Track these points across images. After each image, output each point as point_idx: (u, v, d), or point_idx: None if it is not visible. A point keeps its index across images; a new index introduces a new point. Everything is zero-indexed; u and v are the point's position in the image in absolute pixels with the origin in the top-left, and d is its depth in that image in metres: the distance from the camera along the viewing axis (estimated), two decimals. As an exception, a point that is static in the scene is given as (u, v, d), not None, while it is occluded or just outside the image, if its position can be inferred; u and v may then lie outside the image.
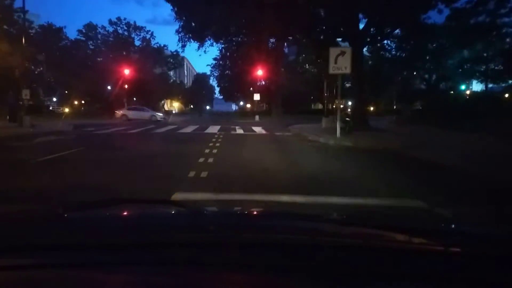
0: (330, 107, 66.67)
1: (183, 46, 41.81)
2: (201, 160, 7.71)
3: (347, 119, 13.71)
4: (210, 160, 7.75)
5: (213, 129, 19.00)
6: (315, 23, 17.54)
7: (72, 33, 52.00)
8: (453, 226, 1.40)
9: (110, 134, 15.81)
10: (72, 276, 0.86)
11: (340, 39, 18.22)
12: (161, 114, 33.02)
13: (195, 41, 26.74)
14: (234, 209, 1.72)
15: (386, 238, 1.03)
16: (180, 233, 1.04)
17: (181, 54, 62.81)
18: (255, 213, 1.52)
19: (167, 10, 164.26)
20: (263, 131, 18.06)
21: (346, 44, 18.16)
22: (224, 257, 0.92)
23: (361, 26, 17.58)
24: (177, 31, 40.51)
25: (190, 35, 39.31)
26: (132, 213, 1.34)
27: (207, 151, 9.34)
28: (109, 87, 47.81)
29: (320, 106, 64.46)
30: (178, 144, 11.38)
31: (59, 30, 48.54)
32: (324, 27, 17.46)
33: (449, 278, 0.85)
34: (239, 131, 18.18)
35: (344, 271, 0.88)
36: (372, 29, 17.74)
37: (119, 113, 33.90)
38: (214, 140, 12.54)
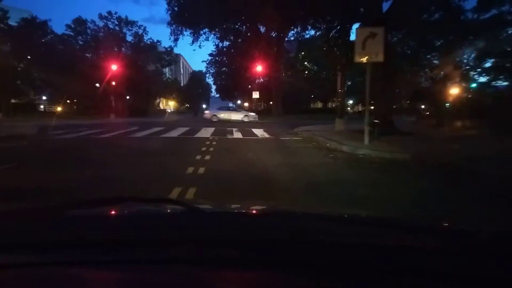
0: (332, 105, 63.81)
1: (176, 40, 38.96)
2: (175, 192, 4.64)
3: (376, 121, 10.63)
4: (190, 193, 4.67)
5: (206, 132, 15.89)
6: (328, 5, 14.47)
7: (62, 30, 48.89)
8: (452, 224, 1.33)
9: (74, 140, 12.62)
10: (73, 274, 0.85)
11: (357, 25, 15.12)
12: (253, 114, 30.44)
13: (188, 28, 23.50)
14: (235, 208, 1.61)
15: (387, 236, 1.02)
16: (182, 231, 1.02)
17: (175, 50, 60.01)
18: (256, 211, 1.48)
19: (164, 8, 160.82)
20: (266, 135, 14.98)
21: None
22: (225, 256, 0.92)
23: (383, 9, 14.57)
24: (169, 23, 37.51)
25: (181, 27, 36.32)
26: (133, 211, 1.28)
27: (189, 171, 6.26)
28: (97, 85, 44.50)
29: (319, 105, 61.53)
30: (151, 158, 8.08)
31: (43, 24, 45.12)
32: (339, 9, 14.35)
33: (448, 276, 0.84)
34: (237, 134, 15.08)
35: (344, 269, 0.87)
36: (396, 13, 14.65)
37: (210, 113, 30.90)
38: (203, 149, 9.45)
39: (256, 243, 0.96)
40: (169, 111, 77.71)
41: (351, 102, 64.30)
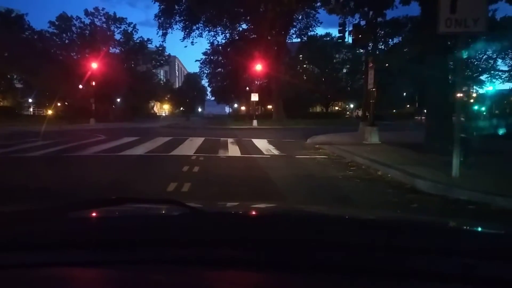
0: (334, 109, 59.33)
1: (164, 34, 34.72)
2: None
3: (463, 135, 6.47)
4: None
5: (190, 145, 11.61)
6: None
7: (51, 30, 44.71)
8: (455, 225, 1.32)
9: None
10: (73, 275, 0.85)
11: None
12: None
13: (181, 17, 19.42)
14: (235, 208, 1.61)
15: (387, 236, 0.99)
16: (182, 232, 1.00)
17: (171, 52, 56.08)
18: (256, 212, 1.47)
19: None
20: (274, 151, 10.65)
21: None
22: (225, 256, 0.91)
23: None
24: (156, 16, 33.29)
25: (169, 18, 32.07)
26: (134, 212, 1.26)
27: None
28: (81, 86, 40.11)
29: (318, 109, 57.53)
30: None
31: (19, 18, 40.75)
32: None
33: (451, 277, 0.83)
34: (233, 150, 10.75)
35: (344, 269, 0.86)
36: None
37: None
38: (171, 190, 5.19)
39: (257, 243, 0.95)
40: (163, 115, 73.37)
41: (352, 106, 60.39)
